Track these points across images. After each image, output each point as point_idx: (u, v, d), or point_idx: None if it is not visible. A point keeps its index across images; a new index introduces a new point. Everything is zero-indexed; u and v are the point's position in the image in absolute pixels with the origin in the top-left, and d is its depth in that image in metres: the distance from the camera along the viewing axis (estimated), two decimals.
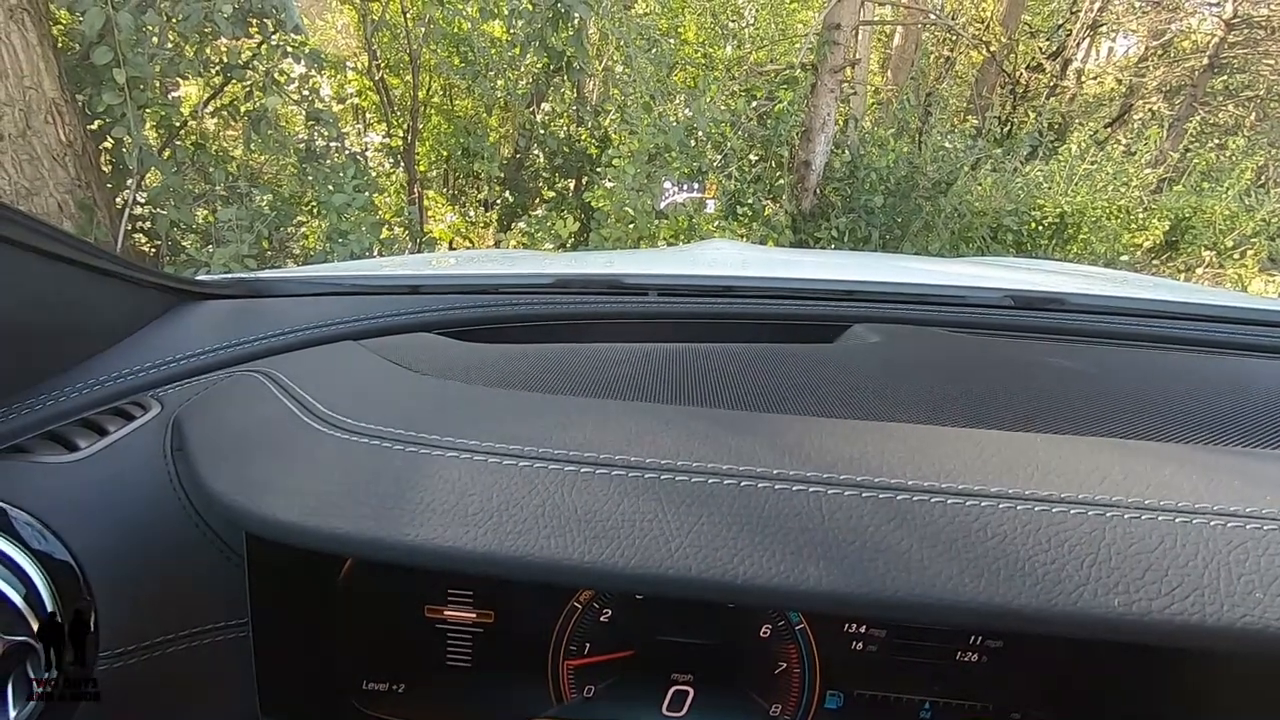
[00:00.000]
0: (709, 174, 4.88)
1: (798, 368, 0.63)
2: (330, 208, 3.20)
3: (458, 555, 0.39)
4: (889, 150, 5.61)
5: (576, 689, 0.63)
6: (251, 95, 3.16)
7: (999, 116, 7.59)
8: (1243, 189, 6.57)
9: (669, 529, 0.39)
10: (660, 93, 4.58)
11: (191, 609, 0.51)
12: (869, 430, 0.47)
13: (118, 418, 0.56)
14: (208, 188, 3.21)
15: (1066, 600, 0.35)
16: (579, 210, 4.99)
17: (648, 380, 0.60)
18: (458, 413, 0.49)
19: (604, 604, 0.62)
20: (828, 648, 0.62)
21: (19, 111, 2.38)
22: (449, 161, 5.57)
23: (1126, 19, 10.69)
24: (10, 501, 0.46)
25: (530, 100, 5.66)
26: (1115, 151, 6.35)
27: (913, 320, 0.80)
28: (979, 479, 0.41)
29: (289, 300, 0.78)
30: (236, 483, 0.45)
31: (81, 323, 0.59)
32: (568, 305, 0.81)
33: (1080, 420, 0.54)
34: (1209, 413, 0.56)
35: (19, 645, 0.43)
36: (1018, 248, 5.71)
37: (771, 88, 5.51)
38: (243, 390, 0.57)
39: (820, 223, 5.60)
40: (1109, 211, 5.80)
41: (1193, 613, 0.35)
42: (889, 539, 0.38)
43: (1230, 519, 0.38)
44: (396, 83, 5.29)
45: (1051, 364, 0.67)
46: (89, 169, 2.65)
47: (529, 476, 0.42)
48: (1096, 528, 0.38)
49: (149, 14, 2.57)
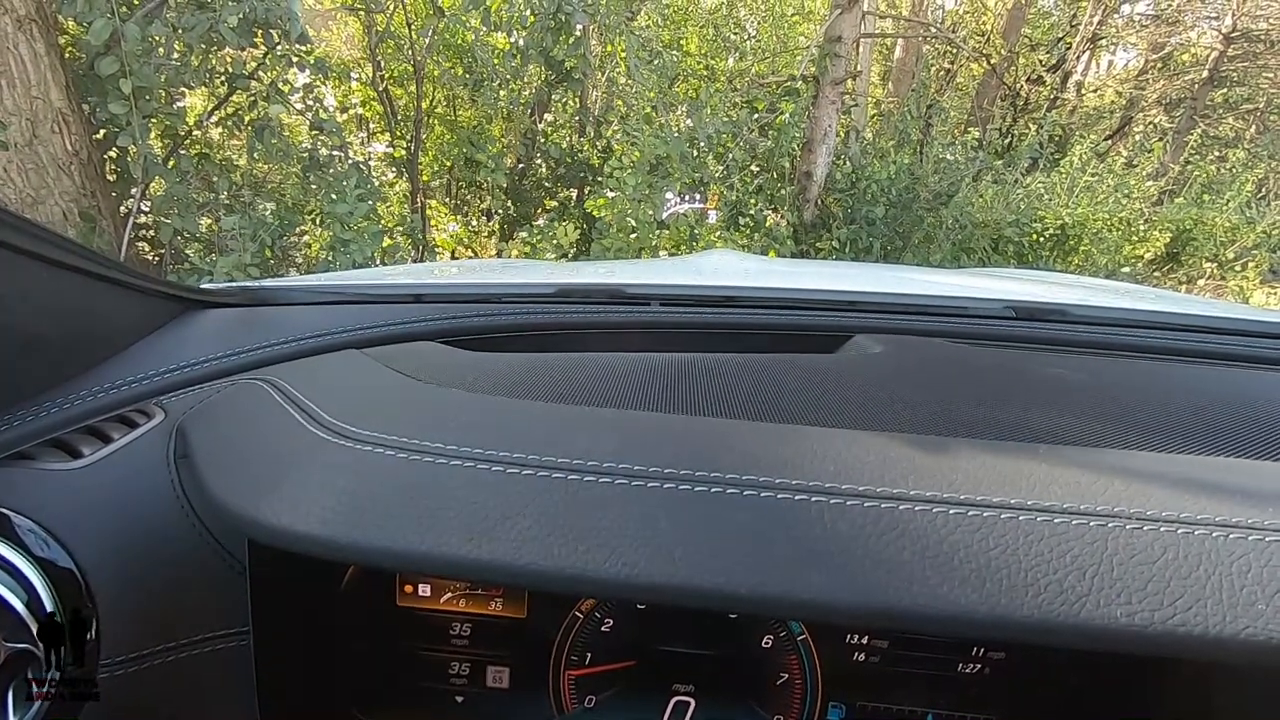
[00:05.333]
0: (711, 185, 4.90)
1: (799, 378, 0.63)
2: (333, 217, 3.21)
3: (461, 564, 0.39)
4: (890, 161, 5.64)
5: (578, 699, 0.63)
6: (256, 105, 3.17)
7: (1000, 128, 7.63)
8: (1243, 201, 6.58)
9: (670, 538, 0.39)
10: (662, 104, 4.61)
11: (193, 617, 0.51)
12: (870, 440, 0.48)
13: (122, 425, 0.56)
14: (211, 196, 3.23)
15: (1068, 611, 0.35)
16: (581, 220, 5.00)
17: (649, 390, 0.60)
18: (460, 421, 0.49)
19: (605, 613, 0.62)
20: (829, 658, 0.61)
21: (26, 121, 2.40)
22: (452, 171, 5.60)
23: (1126, 32, 10.74)
24: (13, 508, 0.46)
25: (533, 110, 5.69)
26: (1116, 164, 6.36)
27: (914, 331, 0.80)
28: (981, 489, 0.41)
29: (292, 309, 0.78)
30: (240, 490, 0.45)
31: (86, 330, 0.59)
32: (570, 315, 0.81)
33: (1081, 431, 0.54)
34: (1211, 424, 0.56)
35: (21, 652, 0.43)
36: (1019, 259, 5.72)
37: (773, 99, 5.54)
38: (246, 398, 0.57)
39: (822, 233, 5.61)
40: (1110, 223, 5.81)
41: (1195, 624, 0.35)
42: (891, 549, 0.38)
43: (1232, 530, 0.38)
44: (400, 93, 5.33)
45: (1052, 375, 0.67)
46: (94, 178, 2.67)
47: (531, 485, 0.42)
48: (1098, 538, 0.38)
49: (155, 24, 2.60)
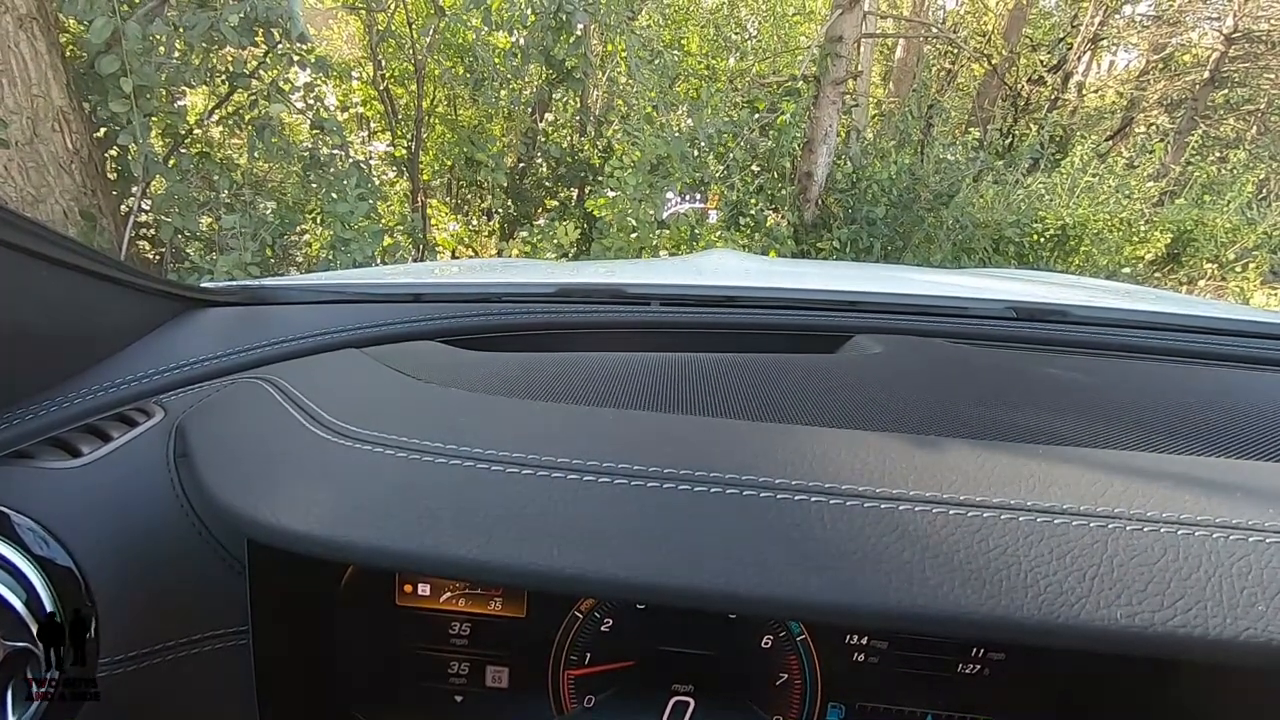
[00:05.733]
0: (711, 184, 4.90)
1: (799, 378, 0.63)
2: (334, 216, 3.21)
3: (460, 564, 0.39)
4: (891, 162, 5.63)
5: (577, 699, 0.63)
6: (256, 104, 3.17)
7: (1000, 129, 7.62)
8: (1244, 202, 6.58)
9: (670, 539, 0.39)
10: (663, 103, 4.60)
11: (192, 616, 0.51)
12: (870, 440, 0.47)
13: (121, 424, 0.56)
14: (212, 195, 3.22)
15: (1069, 612, 0.35)
16: (581, 219, 5.00)
17: (649, 390, 0.60)
18: (460, 421, 0.49)
19: (605, 613, 0.62)
20: (829, 659, 0.61)
21: (27, 119, 2.40)
22: (452, 170, 5.60)
23: (1127, 33, 10.75)
24: (13, 506, 0.46)
25: (534, 110, 5.69)
26: (1117, 164, 6.36)
27: (914, 331, 0.80)
28: (981, 490, 0.41)
29: (292, 308, 0.78)
30: (240, 489, 0.45)
31: (86, 329, 0.59)
32: (570, 314, 0.81)
33: (1082, 432, 0.54)
34: (1212, 425, 0.55)
35: (20, 651, 0.43)
36: (1019, 260, 5.72)
37: (774, 99, 5.53)
38: (246, 397, 0.57)
39: (822, 233, 5.61)
40: (1110, 224, 5.81)
41: (1195, 625, 0.35)
42: (890, 549, 0.38)
43: (1233, 531, 0.38)
44: (401, 92, 5.32)
45: (1053, 376, 0.67)
46: (94, 176, 2.66)
47: (531, 485, 0.42)
48: (1099, 539, 0.38)
49: (156, 23, 2.59)
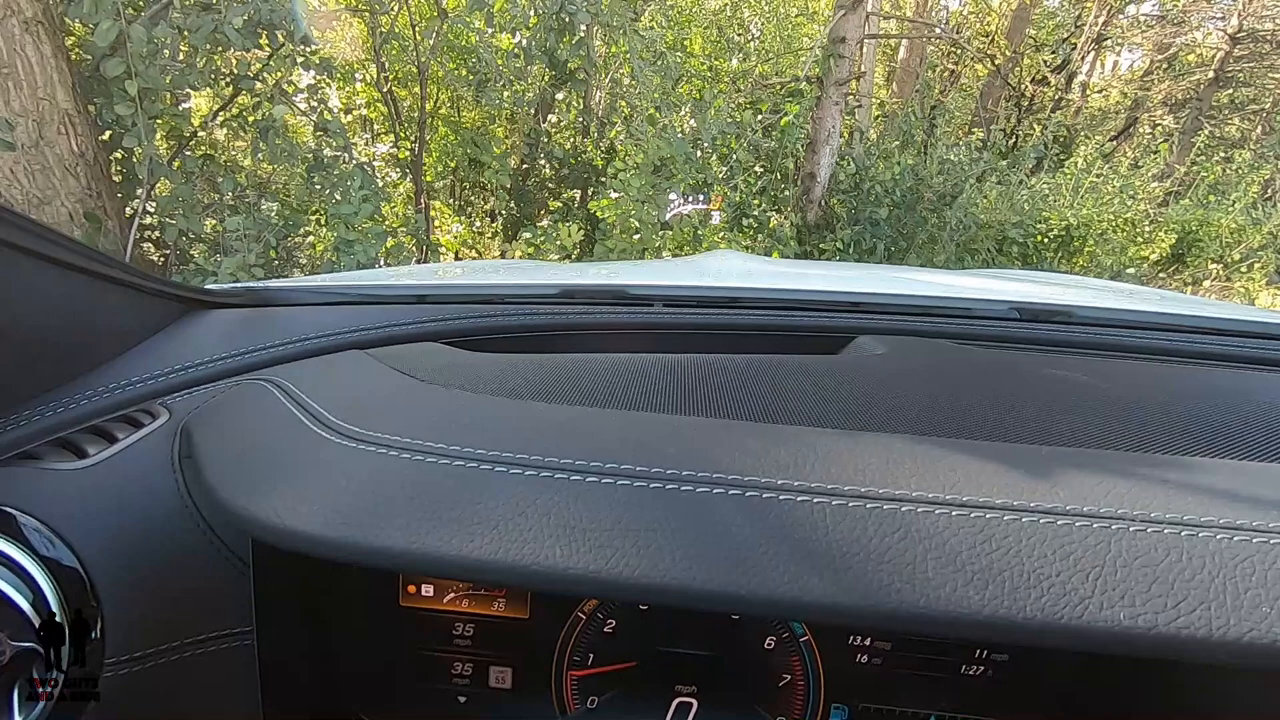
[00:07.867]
0: (714, 186, 4.90)
1: (802, 379, 0.63)
2: (338, 218, 3.21)
3: (464, 565, 0.39)
4: (894, 162, 5.62)
5: (580, 700, 0.63)
6: (260, 106, 3.18)
7: (1004, 129, 7.62)
8: (1249, 202, 6.55)
9: (673, 539, 0.39)
10: (666, 105, 4.60)
11: (197, 616, 0.51)
12: (873, 441, 0.47)
13: (127, 425, 0.56)
14: (216, 197, 3.23)
15: (1072, 613, 0.35)
16: (584, 221, 5.01)
17: (653, 391, 0.60)
18: (463, 422, 0.49)
19: (608, 614, 0.62)
20: (832, 660, 0.61)
21: (32, 122, 2.41)
22: (456, 172, 5.61)
23: (1131, 33, 10.73)
24: (19, 507, 0.46)
25: (537, 111, 5.70)
26: (1121, 164, 6.35)
27: (918, 332, 0.80)
28: (984, 491, 0.41)
29: (296, 309, 0.79)
30: (245, 491, 0.45)
31: (91, 331, 0.59)
32: (573, 316, 0.81)
33: (1086, 433, 0.53)
34: (1216, 426, 0.55)
35: (26, 651, 0.43)
36: (1023, 260, 5.70)
37: (777, 100, 5.54)
38: (251, 399, 0.57)
39: (825, 234, 5.60)
40: (1115, 224, 5.79)
41: (1199, 626, 0.35)
42: (893, 550, 0.38)
43: (1237, 532, 0.38)
44: (404, 94, 5.34)
45: (1057, 376, 0.67)
46: (99, 179, 2.67)
47: (534, 486, 0.42)
48: (1102, 540, 0.38)
49: (161, 26, 2.60)
